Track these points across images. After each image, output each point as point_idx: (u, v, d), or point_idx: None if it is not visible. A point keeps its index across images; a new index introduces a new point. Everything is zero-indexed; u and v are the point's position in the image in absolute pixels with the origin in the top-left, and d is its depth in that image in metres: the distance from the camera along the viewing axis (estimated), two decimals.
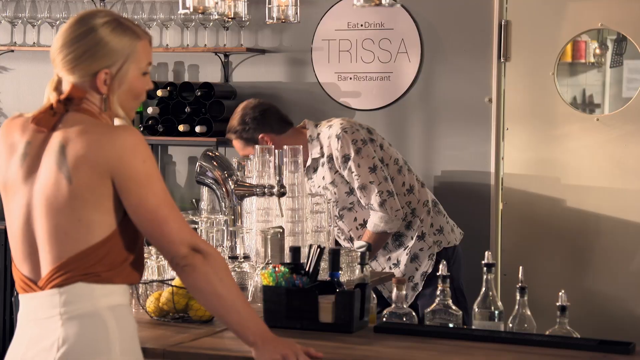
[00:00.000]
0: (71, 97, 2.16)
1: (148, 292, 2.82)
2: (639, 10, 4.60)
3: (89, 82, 2.17)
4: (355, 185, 3.74)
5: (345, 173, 3.74)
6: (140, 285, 2.78)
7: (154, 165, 2.15)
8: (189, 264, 2.16)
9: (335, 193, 3.79)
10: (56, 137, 2.14)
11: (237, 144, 3.90)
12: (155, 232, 2.15)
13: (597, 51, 5.14)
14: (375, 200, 3.72)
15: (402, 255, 3.87)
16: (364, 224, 3.82)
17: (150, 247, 3.09)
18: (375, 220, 3.77)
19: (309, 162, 3.83)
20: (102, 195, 2.11)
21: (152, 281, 2.88)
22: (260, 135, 3.80)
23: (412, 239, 3.85)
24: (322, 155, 3.78)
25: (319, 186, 3.82)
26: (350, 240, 3.88)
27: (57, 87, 2.19)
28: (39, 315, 2.13)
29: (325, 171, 3.78)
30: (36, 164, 2.15)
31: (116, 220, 2.14)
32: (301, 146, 3.39)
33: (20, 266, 2.18)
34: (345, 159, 3.72)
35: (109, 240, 2.12)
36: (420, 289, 3.86)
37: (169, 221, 2.14)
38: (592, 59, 5.15)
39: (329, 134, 3.78)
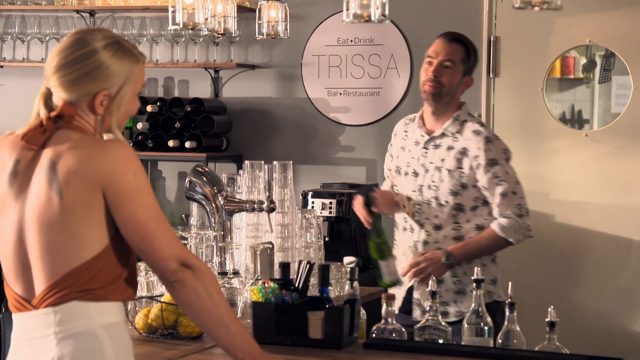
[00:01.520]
0: (62, 115, 2.16)
1: (137, 308, 2.81)
2: (626, 27, 4.63)
3: (85, 102, 2.17)
4: (498, 191, 3.39)
5: (479, 175, 3.40)
6: (130, 301, 2.77)
7: (144, 178, 2.14)
8: (179, 280, 2.15)
9: (441, 180, 3.44)
10: (46, 154, 2.13)
11: (459, 50, 3.51)
12: (144, 247, 2.14)
13: (586, 67, 5.16)
14: (513, 211, 3.39)
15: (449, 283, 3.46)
16: (438, 227, 3.45)
17: (139, 263, 3.08)
18: (504, 223, 3.39)
19: (436, 133, 3.50)
20: (94, 210, 2.10)
21: (141, 297, 2.87)
22: (471, 77, 3.55)
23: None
24: (454, 141, 3.46)
25: (431, 163, 3.47)
26: (411, 230, 3.50)
27: (47, 102, 2.19)
28: (34, 334, 2.12)
29: (451, 159, 3.45)
30: (27, 181, 2.14)
31: (109, 235, 2.13)
32: (291, 162, 3.40)
33: (13, 285, 2.17)
34: (492, 162, 3.40)
35: (102, 256, 2.12)
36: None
37: (159, 236, 2.14)
38: (580, 75, 5.17)
39: (476, 129, 3.46)
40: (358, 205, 3.46)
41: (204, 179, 3.31)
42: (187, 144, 5.09)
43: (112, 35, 2.19)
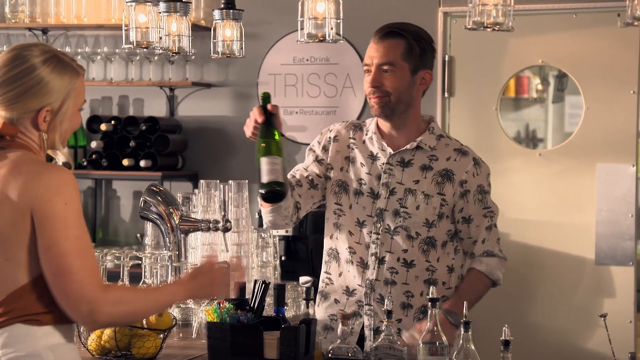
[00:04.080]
0: (2, 135, 2.12)
1: None
2: (577, 48, 4.69)
3: (27, 119, 2.14)
4: (484, 225, 2.94)
5: (467, 204, 2.92)
6: None
7: (75, 209, 2.07)
8: (92, 323, 2.10)
9: (416, 206, 2.90)
10: None
11: (395, 46, 2.90)
12: (57, 281, 2.05)
13: (540, 87, 5.23)
14: (496, 247, 2.97)
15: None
16: (408, 264, 2.93)
17: None
18: (491, 263, 2.96)
19: (408, 145, 2.94)
20: (27, 234, 2.06)
21: None
22: (426, 71, 2.93)
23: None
24: (432, 159, 2.93)
25: (400, 183, 2.92)
26: (364, 265, 2.95)
27: None
28: None
29: (429, 181, 2.91)
30: None
31: None
32: (246, 181, 3.36)
33: None
34: (482, 190, 2.93)
35: (41, 279, 2.08)
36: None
37: (73, 272, 2.04)
38: (534, 95, 5.23)
39: (460, 148, 2.96)
40: (256, 110, 2.79)
41: (159, 198, 3.28)
42: (142, 163, 5.05)
43: (50, 49, 2.16)
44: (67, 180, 2.08)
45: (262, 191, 2.58)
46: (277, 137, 2.69)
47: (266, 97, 2.73)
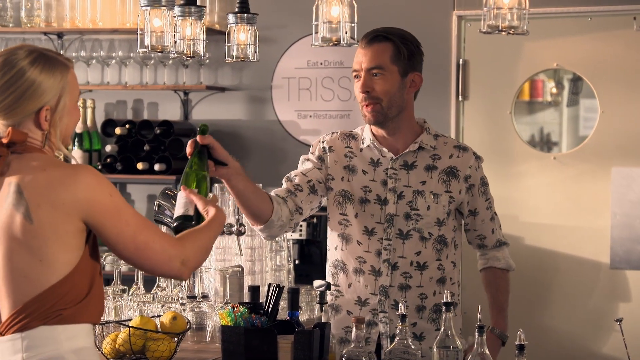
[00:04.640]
0: (14, 142, 2.14)
1: (104, 333, 2.78)
2: (592, 52, 4.68)
3: (29, 121, 2.15)
4: (489, 216, 3.02)
5: (474, 199, 2.98)
6: (97, 326, 2.74)
7: (118, 195, 2.17)
8: (187, 273, 2.24)
9: (427, 207, 2.92)
10: (10, 180, 2.11)
11: (383, 50, 2.91)
12: (140, 259, 2.18)
13: (554, 90, 5.21)
14: (502, 234, 3.11)
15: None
16: (422, 267, 2.93)
17: (107, 288, 3.05)
18: (506, 255, 3.10)
19: (411, 147, 2.94)
20: (67, 233, 2.09)
21: (109, 322, 2.84)
22: (415, 74, 2.96)
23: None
24: (434, 158, 2.95)
25: (408, 186, 2.92)
26: (376, 273, 2.93)
27: None
28: None
29: (435, 180, 2.93)
30: None
31: (77, 257, 2.12)
32: (260, 184, 3.35)
33: None
34: (484, 183, 3.00)
35: (70, 278, 2.10)
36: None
37: (150, 244, 2.17)
38: (549, 98, 5.21)
39: (458, 144, 3.00)
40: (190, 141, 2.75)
41: (173, 201, 3.28)
42: (157, 167, 5.06)
43: (35, 49, 2.18)
44: (97, 173, 2.15)
45: (174, 224, 2.53)
46: (200, 169, 2.69)
47: (201, 130, 2.77)
